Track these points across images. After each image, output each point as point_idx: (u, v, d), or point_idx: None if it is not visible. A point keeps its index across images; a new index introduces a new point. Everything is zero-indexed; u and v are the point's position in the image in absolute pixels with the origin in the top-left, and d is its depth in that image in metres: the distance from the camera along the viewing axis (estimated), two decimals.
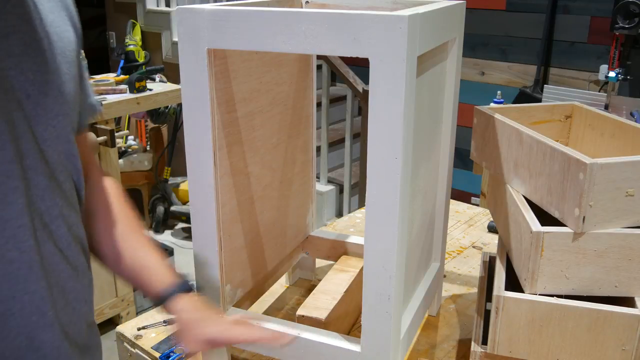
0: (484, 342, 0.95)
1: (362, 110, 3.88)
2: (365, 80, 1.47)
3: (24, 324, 0.68)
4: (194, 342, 0.82)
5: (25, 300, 0.67)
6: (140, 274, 0.86)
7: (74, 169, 0.76)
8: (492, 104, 2.37)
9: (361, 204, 3.55)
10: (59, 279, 0.72)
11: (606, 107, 2.81)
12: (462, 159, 3.56)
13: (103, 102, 2.48)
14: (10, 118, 0.64)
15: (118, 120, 3.80)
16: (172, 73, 3.21)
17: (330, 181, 3.99)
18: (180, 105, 2.41)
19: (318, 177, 3.94)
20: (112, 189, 0.90)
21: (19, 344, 0.68)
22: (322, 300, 1.08)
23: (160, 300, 0.85)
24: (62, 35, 0.73)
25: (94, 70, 2.93)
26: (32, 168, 0.67)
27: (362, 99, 3.33)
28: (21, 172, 0.65)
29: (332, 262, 1.29)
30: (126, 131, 3.74)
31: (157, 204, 3.74)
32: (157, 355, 1.09)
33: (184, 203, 3.81)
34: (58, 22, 0.73)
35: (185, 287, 0.86)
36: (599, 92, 3.08)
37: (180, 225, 3.86)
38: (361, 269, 1.16)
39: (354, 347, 0.90)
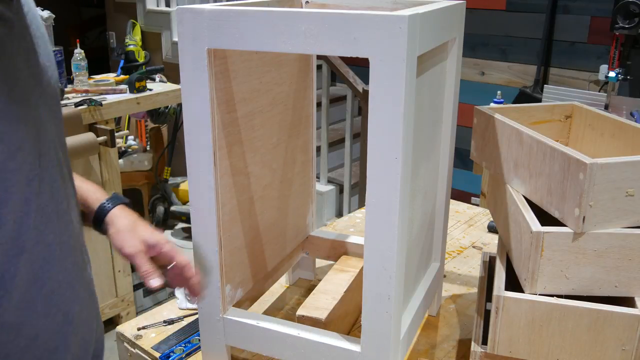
0: (484, 342, 0.95)
1: (362, 110, 3.88)
2: (365, 80, 1.47)
3: (62, 300, 0.73)
4: (131, 242, 0.85)
5: (60, 278, 0.73)
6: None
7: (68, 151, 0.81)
8: (492, 104, 2.38)
9: (361, 204, 3.55)
10: (77, 256, 0.78)
11: (606, 107, 2.81)
12: (462, 159, 3.56)
13: (103, 102, 2.48)
14: (34, 118, 0.67)
15: (118, 120, 3.80)
16: (172, 73, 3.20)
17: (330, 181, 3.99)
18: (180, 105, 2.41)
19: (318, 177, 3.94)
20: None
21: (58, 319, 0.73)
22: (322, 300, 1.08)
23: (97, 216, 0.88)
24: (40, 20, 0.75)
25: (94, 70, 2.93)
26: (50, 161, 0.71)
27: (362, 99, 3.33)
28: (43, 166, 0.69)
29: (332, 262, 1.29)
30: (126, 131, 3.73)
31: (157, 204, 3.74)
32: (157, 355, 1.09)
33: (184, 203, 3.81)
34: (34, 8, 0.75)
35: (118, 200, 0.90)
36: (599, 92, 3.08)
37: (180, 225, 3.85)
38: (361, 269, 1.16)
39: (354, 347, 0.90)
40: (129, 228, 0.87)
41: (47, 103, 0.72)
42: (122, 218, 0.88)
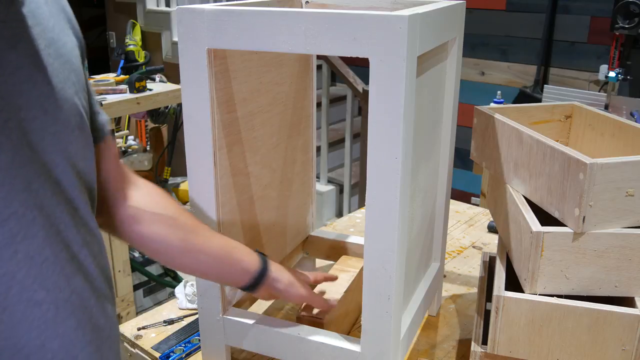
0: (484, 342, 0.95)
1: (362, 110, 3.88)
2: (365, 80, 1.47)
3: None
4: (306, 292, 0.96)
5: (55, 346, 0.60)
6: (224, 263, 0.90)
7: (89, 188, 0.68)
8: (492, 104, 2.37)
9: (361, 204, 3.54)
10: (91, 316, 0.65)
11: (606, 107, 2.81)
12: (462, 159, 3.56)
13: (103, 102, 2.48)
14: (17, 144, 0.57)
15: (118, 120, 3.80)
16: (172, 73, 3.20)
17: (330, 181, 3.99)
18: (180, 105, 2.41)
19: (318, 177, 3.94)
20: (156, 190, 0.87)
21: None
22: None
23: (257, 279, 0.92)
24: (64, 41, 0.67)
25: (94, 70, 2.93)
26: (47, 196, 0.60)
27: (362, 99, 3.33)
28: (35, 201, 0.59)
29: (332, 262, 1.29)
30: (126, 131, 3.73)
31: None
32: (157, 355, 1.09)
33: (184, 203, 3.81)
34: (58, 27, 0.67)
35: (263, 255, 0.94)
36: (599, 92, 3.08)
37: None
38: (361, 269, 1.16)
39: (354, 347, 0.90)
40: (293, 280, 0.95)
41: (52, 130, 0.60)
42: (282, 274, 0.95)
